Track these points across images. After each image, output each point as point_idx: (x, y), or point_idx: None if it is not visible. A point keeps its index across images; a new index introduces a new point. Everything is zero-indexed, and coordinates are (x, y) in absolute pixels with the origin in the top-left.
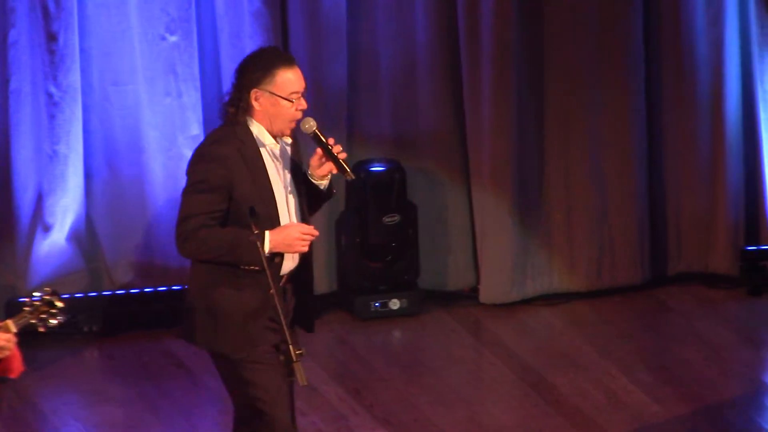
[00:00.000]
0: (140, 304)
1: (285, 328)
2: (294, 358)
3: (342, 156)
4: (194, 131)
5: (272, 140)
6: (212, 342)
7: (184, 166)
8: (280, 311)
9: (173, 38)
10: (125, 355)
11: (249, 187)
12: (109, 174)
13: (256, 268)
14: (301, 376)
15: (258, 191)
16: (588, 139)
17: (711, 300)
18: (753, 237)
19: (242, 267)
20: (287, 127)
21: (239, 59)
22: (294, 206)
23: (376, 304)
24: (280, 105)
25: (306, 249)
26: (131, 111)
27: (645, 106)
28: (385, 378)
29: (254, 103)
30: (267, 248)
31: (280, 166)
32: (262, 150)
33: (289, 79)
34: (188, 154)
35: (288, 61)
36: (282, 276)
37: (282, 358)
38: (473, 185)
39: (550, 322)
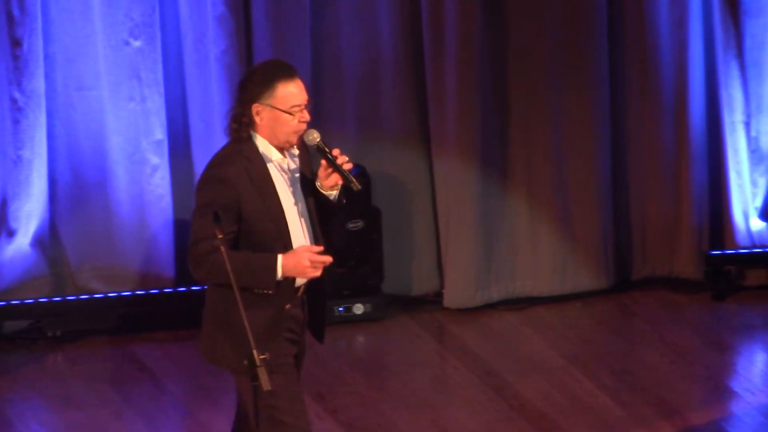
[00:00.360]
0: (104, 309)
1: (248, 332)
2: (258, 363)
3: (347, 167)
4: (158, 136)
5: (279, 155)
6: (233, 362)
7: (147, 170)
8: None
9: (137, 43)
10: (89, 361)
11: (258, 206)
12: (73, 179)
13: (270, 291)
14: (264, 381)
15: (267, 209)
16: (551, 144)
17: (675, 304)
18: (717, 241)
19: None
20: (291, 140)
21: (203, 64)
22: (305, 221)
23: (340, 309)
24: (282, 119)
25: (318, 274)
26: (95, 116)
27: (609, 110)
28: (349, 383)
29: (256, 118)
30: (279, 273)
31: (288, 181)
32: (269, 166)
33: (290, 92)
34: (152, 158)
35: (288, 73)
36: (299, 287)
37: (245, 362)
38: (437, 191)
39: (515, 327)
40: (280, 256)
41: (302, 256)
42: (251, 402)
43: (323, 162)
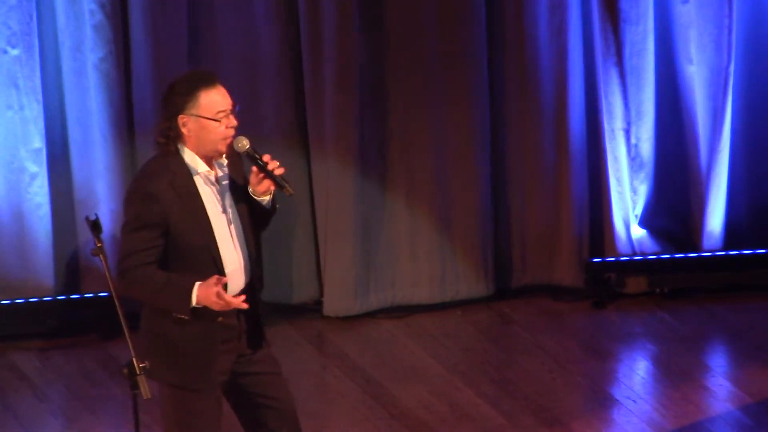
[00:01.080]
0: None
1: (129, 339)
2: (138, 371)
3: (279, 171)
4: (36, 144)
5: (205, 167)
6: (162, 373)
7: (26, 179)
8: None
9: (15, 51)
10: None
11: (184, 220)
12: None
13: (185, 317)
14: (144, 389)
15: (194, 222)
16: (431, 152)
17: (556, 312)
18: (598, 249)
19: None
20: (220, 147)
21: (81, 72)
22: (236, 231)
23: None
24: (209, 127)
25: (226, 309)
26: None
27: (489, 117)
28: None
29: (183, 130)
30: (194, 301)
31: (217, 192)
32: (196, 179)
33: (214, 99)
34: (30, 167)
35: (209, 81)
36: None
37: (125, 371)
38: (316, 198)
39: (394, 335)
40: (196, 285)
41: (211, 291)
42: (166, 414)
43: (254, 168)
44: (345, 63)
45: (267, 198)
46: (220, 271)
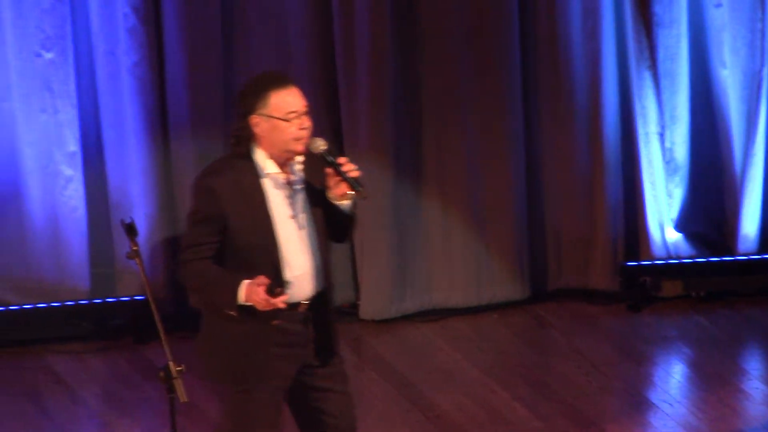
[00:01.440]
0: (19, 320)
1: (164, 342)
2: (174, 375)
3: (354, 174)
4: (71, 148)
5: (275, 168)
6: (218, 372)
7: (61, 182)
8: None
9: (49, 55)
10: (4, 373)
11: (244, 219)
12: None
13: (232, 313)
14: (181, 392)
15: (253, 223)
16: (466, 156)
17: (591, 316)
18: (633, 252)
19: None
20: (293, 147)
21: (115, 76)
22: (307, 237)
23: None
24: (279, 127)
25: (269, 308)
26: (7, 128)
27: (523, 122)
28: None
29: (256, 130)
30: (241, 298)
31: (286, 196)
32: (264, 180)
33: (284, 100)
34: (65, 170)
35: (281, 81)
36: (297, 303)
37: (161, 374)
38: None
39: (430, 338)
40: (244, 283)
41: (255, 289)
42: (170, 415)
43: (329, 171)
44: (379, 71)
45: (345, 203)
46: (279, 273)
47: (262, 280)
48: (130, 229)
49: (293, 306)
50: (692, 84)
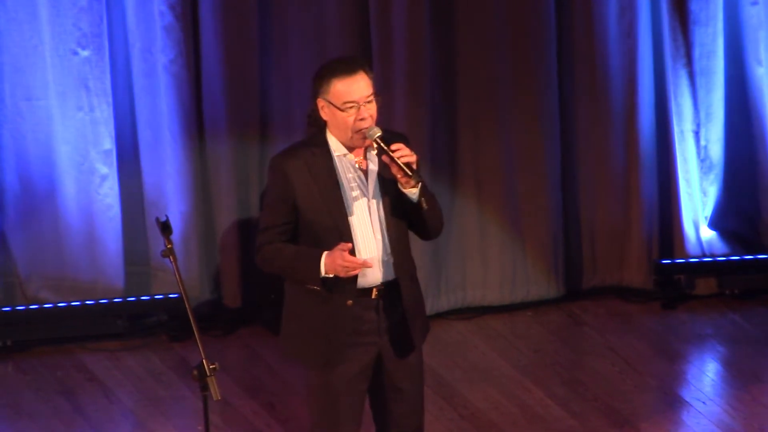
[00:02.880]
0: (54, 318)
1: (199, 340)
2: (207, 373)
3: (405, 160)
4: (107, 146)
5: (346, 150)
6: (298, 353)
7: (96, 180)
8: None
9: (85, 53)
10: (39, 371)
11: (315, 201)
12: (22, 189)
13: (317, 287)
14: (214, 390)
15: (324, 203)
16: (501, 153)
17: (625, 314)
18: (667, 250)
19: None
20: (354, 138)
21: (151, 73)
22: (379, 223)
23: None
24: (339, 115)
25: (353, 275)
26: (43, 126)
27: (558, 120)
28: (299, 392)
29: (321, 113)
30: (322, 270)
31: (359, 179)
32: (336, 162)
33: (344, 89)
34: (101, 168)
35: (345, 69)
36: (369, 289)
37: (195, 372)
38: None
39: (464, 336)
40: (324, 254)
41: (336, 255)
42: (204, 413)
43: (385, 159)
44: (415, 67)
45: (412, 191)
46: (351, 253)
47: (344, 245)
48: (165, 227)
49: (365, 292)
50: (728, 82)
